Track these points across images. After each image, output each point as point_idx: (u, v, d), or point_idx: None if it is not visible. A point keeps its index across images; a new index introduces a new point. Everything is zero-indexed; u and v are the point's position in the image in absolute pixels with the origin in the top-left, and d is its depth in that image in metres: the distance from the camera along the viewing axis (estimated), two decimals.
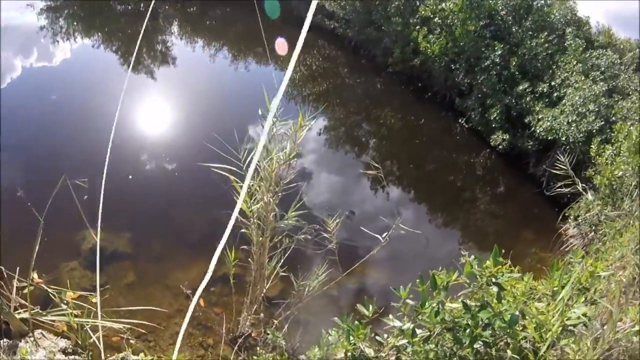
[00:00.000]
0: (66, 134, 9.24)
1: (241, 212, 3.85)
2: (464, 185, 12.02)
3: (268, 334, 4.54)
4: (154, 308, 4.90)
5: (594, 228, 8.31)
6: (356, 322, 2.71)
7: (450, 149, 13.55)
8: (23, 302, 4.33)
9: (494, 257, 2.36)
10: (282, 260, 4.46)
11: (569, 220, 9.21)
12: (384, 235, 4.20)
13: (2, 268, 4.33)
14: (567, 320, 2.18)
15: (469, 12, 13.96)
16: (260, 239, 4.04)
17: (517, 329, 2.27)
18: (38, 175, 7.46)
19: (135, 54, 6.65)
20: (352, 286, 6.83)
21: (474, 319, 2.28)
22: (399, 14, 15.95)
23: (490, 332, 2.31)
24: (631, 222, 6.46)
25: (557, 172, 6.62)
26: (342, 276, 4.75)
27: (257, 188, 3.80)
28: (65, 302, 4.32)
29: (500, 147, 12.51)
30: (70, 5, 18.50)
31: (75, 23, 16.94)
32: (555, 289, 2.42)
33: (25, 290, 4.23)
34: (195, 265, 6.31)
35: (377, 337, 2.72)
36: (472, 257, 2.46)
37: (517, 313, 2.23)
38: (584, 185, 6.44)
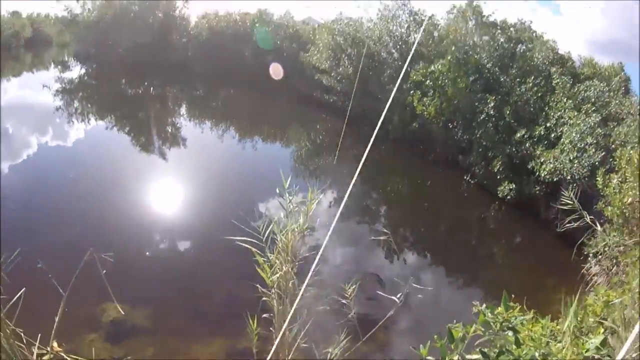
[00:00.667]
0: (83, 211, 9.62)
1: (262, 282, 4.01)
2: (479, 242, 12.00)
3: None
4: None
5: (615, 262, 8.10)
6: None
7: (460, 206, 13.68)
8: None
9: (504, 302, 2.46)
10: (302, 332, 4.50)
11: (589, 259, 9.03)
12: (398, 296, 4.27)
13: (22, 334, 4.37)
14: (585, 352, 2.24)
15: (457, 71, 14.75)
16: (281, 307, 4.14)
17: None
18: (59, 248, 7.70)
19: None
20: (373, 355, 6.68)
21: None
22: (392, 82, 16.90)
23: None
24: None
25: (565, 207, 6.61)
26: (362, 341, 4.73)
27: (276, 260, 3.99)
28: None
29: (508, 197, 12.62)
30: (85, 88, 19.85)
31: (89, 105, 18.01)
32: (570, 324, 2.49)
33: (45, 357, 4.28)
34: (215, 340, 6.33)
35: None
36: (484, 305, 2.56)
37: (536, 355, 2.30)
38: (591, 217, 6.41)
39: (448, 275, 10.22)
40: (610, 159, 10.33)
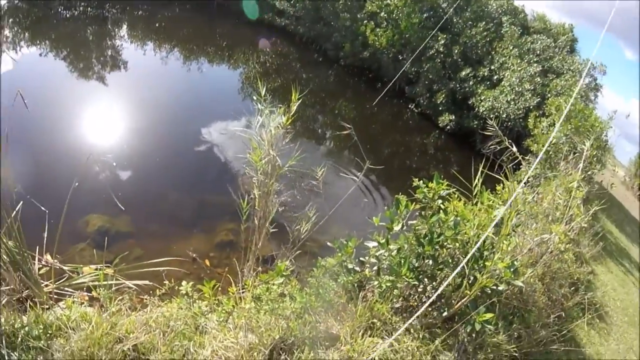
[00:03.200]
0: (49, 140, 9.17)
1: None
2: (419, 166, 12.80)
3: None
4: (172, 259, 5.23)
5: (535, 190, 9.22)
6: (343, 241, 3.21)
7: (403, 132, 14.37)
8: (42, 281, 4.53)
9: (435, 178, 2.94)
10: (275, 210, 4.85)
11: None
12: (359, 175, 4.73)
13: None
14: (493, 217, 2.79)
15: (412, 6, 14.92)
16: (264, 189, 4.46)
17: (460, 230, 2.85)
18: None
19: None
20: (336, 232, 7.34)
21: (429, 226, 2.84)
22: (347, 10, 16.70)
23: (442, 238, 2.88)
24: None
25: (488, 133, 7.32)
26: (329, 214, 5.24)
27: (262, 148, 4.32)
28: (83, 276, 4.55)
29: (448, 127, 13.47)
30: (15, 13, 17.85)
31: (20, 32, 16.32)
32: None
33: (42, 271, 4.47)
34: (193, 237, 6.87)
35: (361, 259, 3.25)
36: (421, 181, 3.03)
37: (458, 218, 2.81)
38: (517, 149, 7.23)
39: (390, 195, 11.01)
40: (544, 106, 11.28)
